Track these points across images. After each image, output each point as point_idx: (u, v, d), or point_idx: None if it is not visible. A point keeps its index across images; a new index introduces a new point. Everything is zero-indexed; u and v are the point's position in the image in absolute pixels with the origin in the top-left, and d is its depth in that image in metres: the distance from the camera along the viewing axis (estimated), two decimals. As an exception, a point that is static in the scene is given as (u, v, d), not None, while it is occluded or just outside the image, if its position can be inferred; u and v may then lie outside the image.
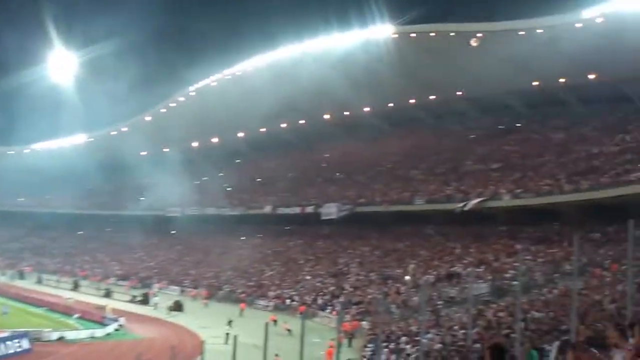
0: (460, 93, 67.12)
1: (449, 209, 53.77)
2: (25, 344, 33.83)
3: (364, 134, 79.92)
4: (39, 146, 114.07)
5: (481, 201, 50.25)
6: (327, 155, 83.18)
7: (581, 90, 56.53)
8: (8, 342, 32.53)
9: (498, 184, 52.46)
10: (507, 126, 64.35)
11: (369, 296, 47.96)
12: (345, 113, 79.79)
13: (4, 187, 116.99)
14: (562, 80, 56.78)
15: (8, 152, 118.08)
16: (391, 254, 57.00)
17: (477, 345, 22.01)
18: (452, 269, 46.31)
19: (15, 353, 32.34)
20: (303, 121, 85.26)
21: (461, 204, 50.98)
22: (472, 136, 66.73)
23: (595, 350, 7.43)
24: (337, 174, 76.69)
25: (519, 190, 49.17)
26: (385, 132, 78.05)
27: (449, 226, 55.31)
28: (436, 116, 72.38)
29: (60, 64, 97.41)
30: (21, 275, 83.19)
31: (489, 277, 41.33)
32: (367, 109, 77.20)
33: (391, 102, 73.62)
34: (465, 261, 46.85)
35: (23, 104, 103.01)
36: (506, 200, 49.25)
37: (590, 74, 53.43)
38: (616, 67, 48.63)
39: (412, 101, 72.18)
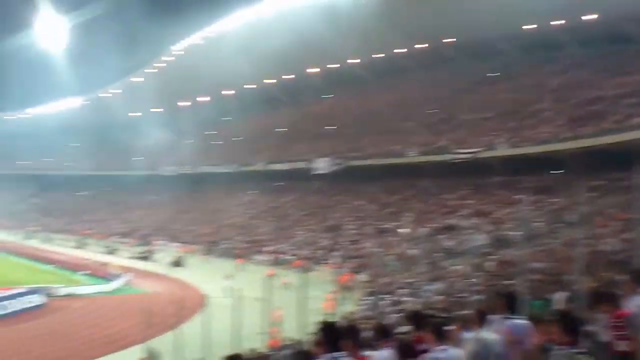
0: (449, 40, 62.03)
1: (443, 161, 49.97)
2: (38, 299, 34.20)
3: (352, 86, 75.10)
4: (37, 110, 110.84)
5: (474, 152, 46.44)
6: (316, 109, 78.97)
7: (578, 31, 51.43)
8: (21, 298, 33.14)
9: (493, 133, 48.22)
10: (501, 72, 58.99)
11: (365, 249, 45.17)
12: (332, 66, 75.35)
13: (6, 151, 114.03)
14: (558, 22, 51.97)
15: (5, 117, 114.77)
16: (386, 207, 53.25)
17: (478, 296, 19.68)
18: (449, 221, 42.75)
19: (30, 308, 32.74)
20: (290, 76, 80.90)
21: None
22: (464, 84, 61.72)
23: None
24: (327, 128, 72.30)
25: (515, 139, 45.13)
26: (374, 83, 72.65)
27: (444, 178, 50.84)
28: (425, 65, 66.56)
29: (51, 28, 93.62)
30: (30, 235, 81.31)
31: (488, 229, 37.91)
32: (354, 61, 72.64)
33: (379, 53, 68.96)
34: (462, 213, 43.04)
35: (18, 70, 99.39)
36: (503, 150, 45.20)
37: (587, 14, 48.77)
38: (615, 6, 44.03)
39: (400, 50, 67.37)
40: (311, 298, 23.30)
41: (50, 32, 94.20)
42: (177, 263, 52.84)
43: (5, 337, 26.67)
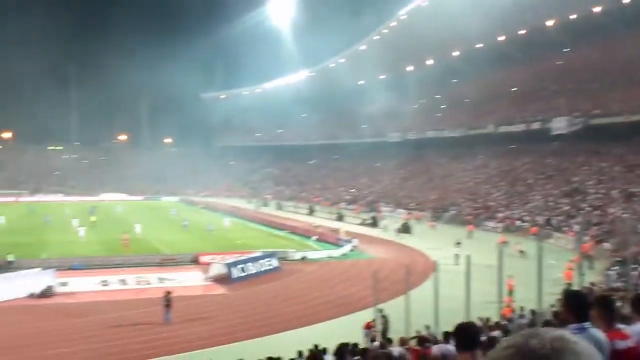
0: None
1: None
2: (274, 262, 36.26)
3: (595, 37, 68.20)
4: (268, 85, 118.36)
5: None
6: (554, 65, 73.51)
7: None
8: (261, 261, 35.40)
9: None
10: None
11: (611, 215, 41.93)
12: (572, 16, 69.11)
13: (243, 124, 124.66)
14: None
15: (243, 93, 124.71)
16: (636, 168, 48.40)
17: None
18: None
19: (268, 270, 34.98)
20: (524, 31, 75.97)
21: None
22: None
23: None
24: (566, 84, 67.10)
25: None
26: (622, 32, 64.76)
27: None
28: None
29: (280, 4, 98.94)
30: (265, 203, 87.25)
31: None
32: (598, 8, 65.80)
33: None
34: None
35: (252, 47, 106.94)
36: None
37: None
38: None
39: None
40: (548, 267, 22.10)
41: (279, 8, 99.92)
42: (403, 229, 52.90)
43: (248, 296, 28.85)
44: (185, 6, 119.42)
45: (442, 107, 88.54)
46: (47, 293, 27.86)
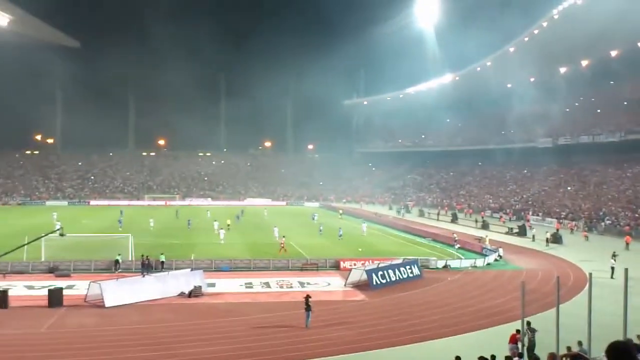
0: None
1: None
2: (416, 270, 35.76)
3: None
4: (411, 90, 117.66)
5: None
6: None
7: None
8: (402, 268, 34.98)
9: None
10: None
11: None
12: None
13: (385, 130, 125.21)
14: None
15: (386, 98, 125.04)
16: None
17: None
18: None
19: (409, 277, 34.67)
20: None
21: None
22: None
23: None
24: None
25: None
26: None
27: None
28: None
29: (424, 8, 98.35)
30: (407, 209, 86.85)
31: None
32: None
33: None
34: None
35: (395, 52, 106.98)
36: None
37: None
38: None
39: None
40: None
41: (424, 12, 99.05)
42: (553, 239, 50.80)
43: (388, 303, 28.57)
44: (329, 14, 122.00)
45: (597, 110, 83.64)
46: (196, 293, 29.37)
